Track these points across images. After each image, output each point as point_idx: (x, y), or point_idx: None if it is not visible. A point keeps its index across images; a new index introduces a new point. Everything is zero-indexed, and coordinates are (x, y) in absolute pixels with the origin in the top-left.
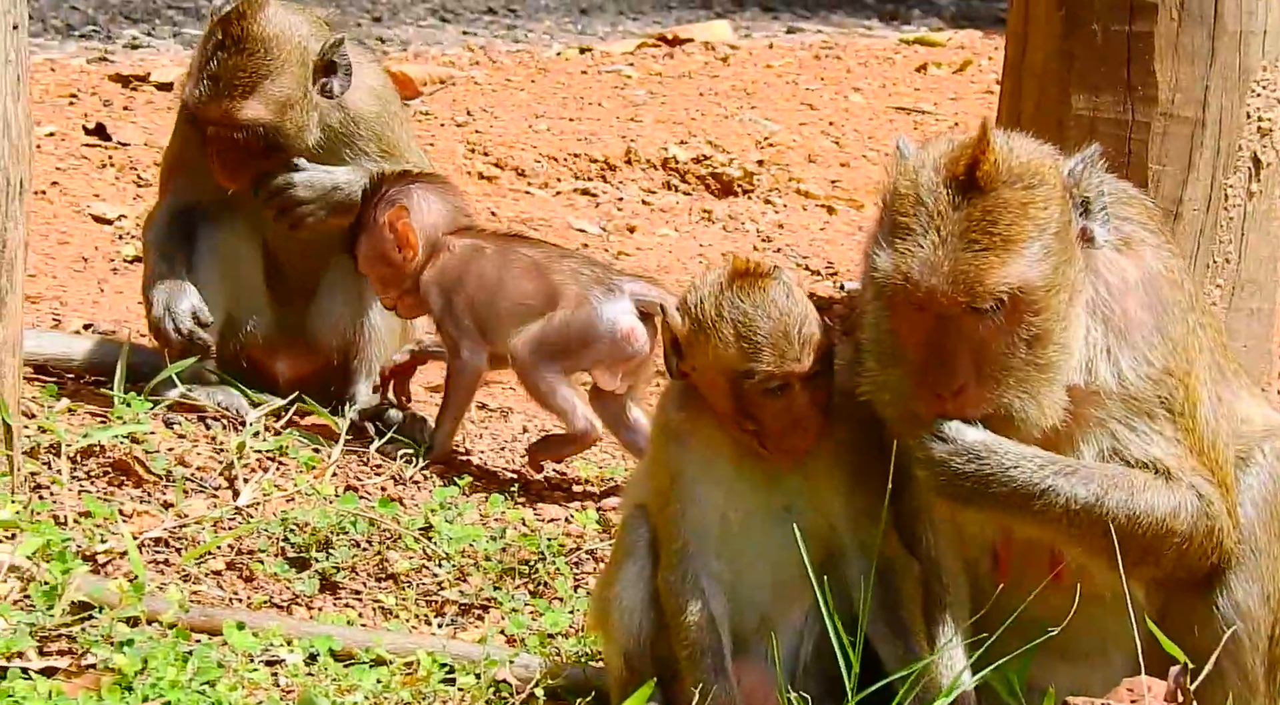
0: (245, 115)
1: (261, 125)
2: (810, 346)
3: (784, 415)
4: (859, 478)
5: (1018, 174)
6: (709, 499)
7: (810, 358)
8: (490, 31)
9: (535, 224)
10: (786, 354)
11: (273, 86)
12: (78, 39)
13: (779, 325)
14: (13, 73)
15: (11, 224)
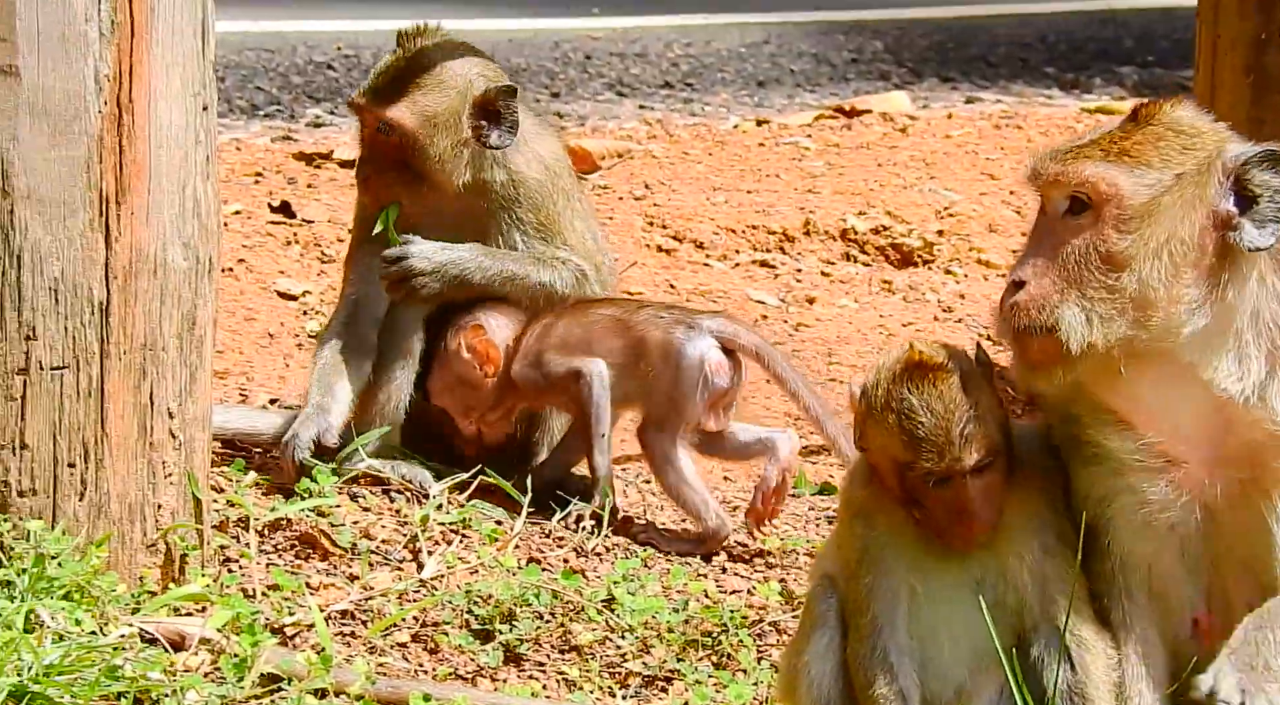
0: (389, 113)
1: (404, 132)
2: (975, 443)
3: (949, 506)
4: (1047, 551)
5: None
6: (897, 574)
7: (975, 453)
8: (667, 105)
9: (714, 295)
10: (947, 452)
11: (424, 98)
12: (262, 118)
13: (942, 423)
14: (202, 153)
15: (201, 301)
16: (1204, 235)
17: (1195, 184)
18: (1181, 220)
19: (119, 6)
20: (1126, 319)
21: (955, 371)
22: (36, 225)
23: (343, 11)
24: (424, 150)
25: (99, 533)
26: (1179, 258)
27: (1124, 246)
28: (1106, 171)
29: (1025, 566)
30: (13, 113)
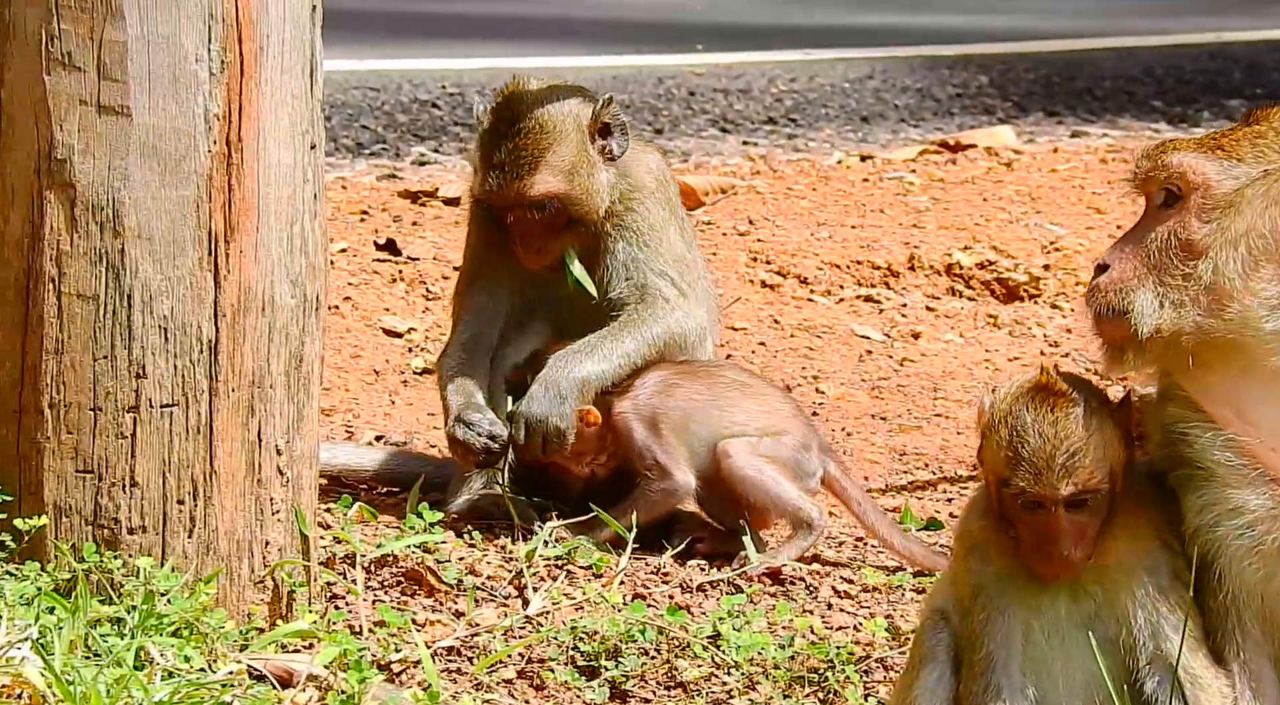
0: (537, 191)
1: (555, 197)
2: (1075, 475)
3: (1038, 534)
4: (1160, 588)
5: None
6: (1012, 609)
7: (1071, 485)
8: (771, 141)
9: (818, 331)
10: (1042, 478)
11: (555, 156)
12: (368, 157)
13: (1046, 447)
14: (310, 191)
15: (309, 339)
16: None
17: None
18: (1262, 214)
19: (228, 46)
20: (1199, 308)
21: (1079, 403)
22: (146, 264)
23: (447, 50)
24: (578, 200)
25: (208, 569)
26: (1257, 251)
27: (1203, 234)
28: (1195, 161)
29: (1137, 603)
30: (124, 153)
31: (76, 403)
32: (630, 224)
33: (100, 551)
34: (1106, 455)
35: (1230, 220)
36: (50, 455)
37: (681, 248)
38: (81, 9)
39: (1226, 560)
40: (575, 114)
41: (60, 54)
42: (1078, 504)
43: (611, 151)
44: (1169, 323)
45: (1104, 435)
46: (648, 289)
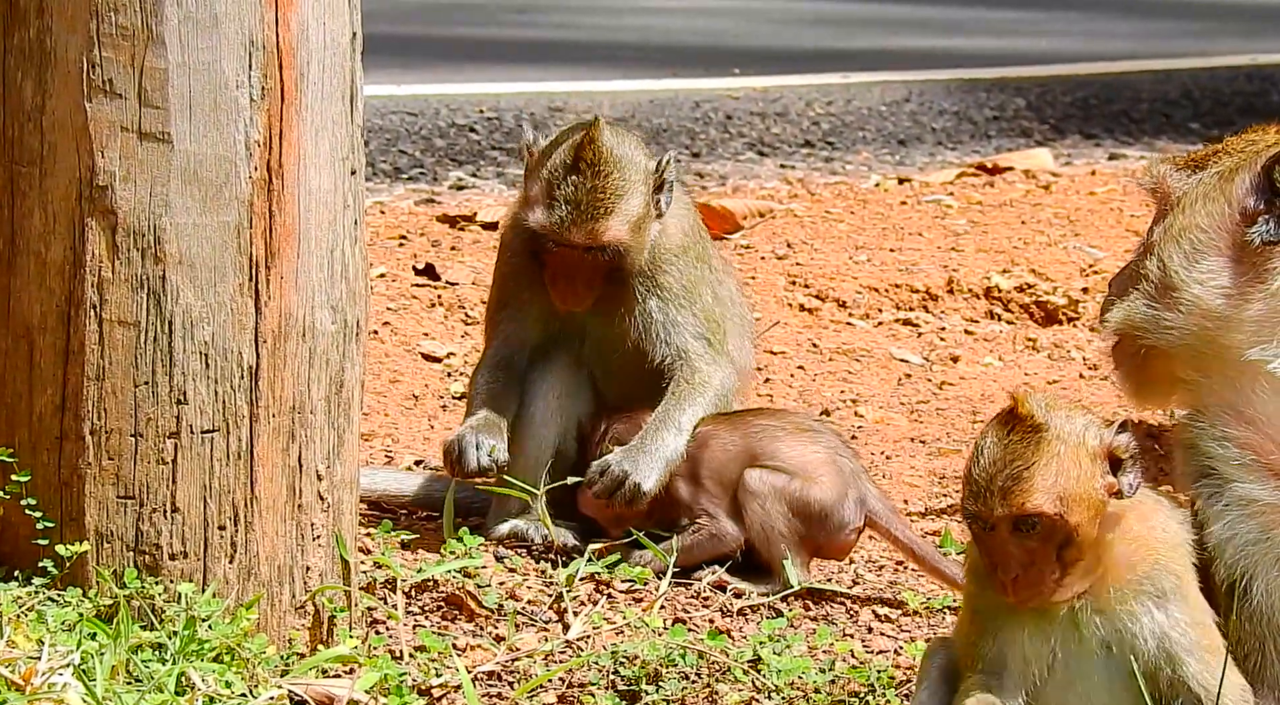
0: (609, 236)
1: (619, 245)
2: (1015, 498)
3: (987, 556)
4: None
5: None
6: (1007, 637)
7: (1008, 508)
8: (808, 164)
9: (857, 354)
10: (983, 497)
11: (627, 206)
12: (405, 181)
13: (990, 469)
14: (350, 217)
15: (349, 364)
16: (1226, 225)
17: (1224, 179)
18: (1201, 208)
19: (269, 73)
20: (1154, 303)
21: (1044, 431)
22: (187, 290)
23: (485, 74)
24: (632, 251)
25: (249, 595)
26: (1198, 243)
27: (1155, 235)
28: (1165, 169)
29: (1144, 628)
30: (165, 179)
31: (118, 429)
32: (664, 283)
33: (141, 577)
34: (1061, 482)
35: (1174, 218)
36: (91, 481)
37: (711, 303)
38: (123, 36)
39: (1253, 570)
40: (646, 166)
41: (101, 81)
42: (1024, 528)
43: (661, 208)
44: (1128, 319)
45: (1062, 462)
46: (688, 354)
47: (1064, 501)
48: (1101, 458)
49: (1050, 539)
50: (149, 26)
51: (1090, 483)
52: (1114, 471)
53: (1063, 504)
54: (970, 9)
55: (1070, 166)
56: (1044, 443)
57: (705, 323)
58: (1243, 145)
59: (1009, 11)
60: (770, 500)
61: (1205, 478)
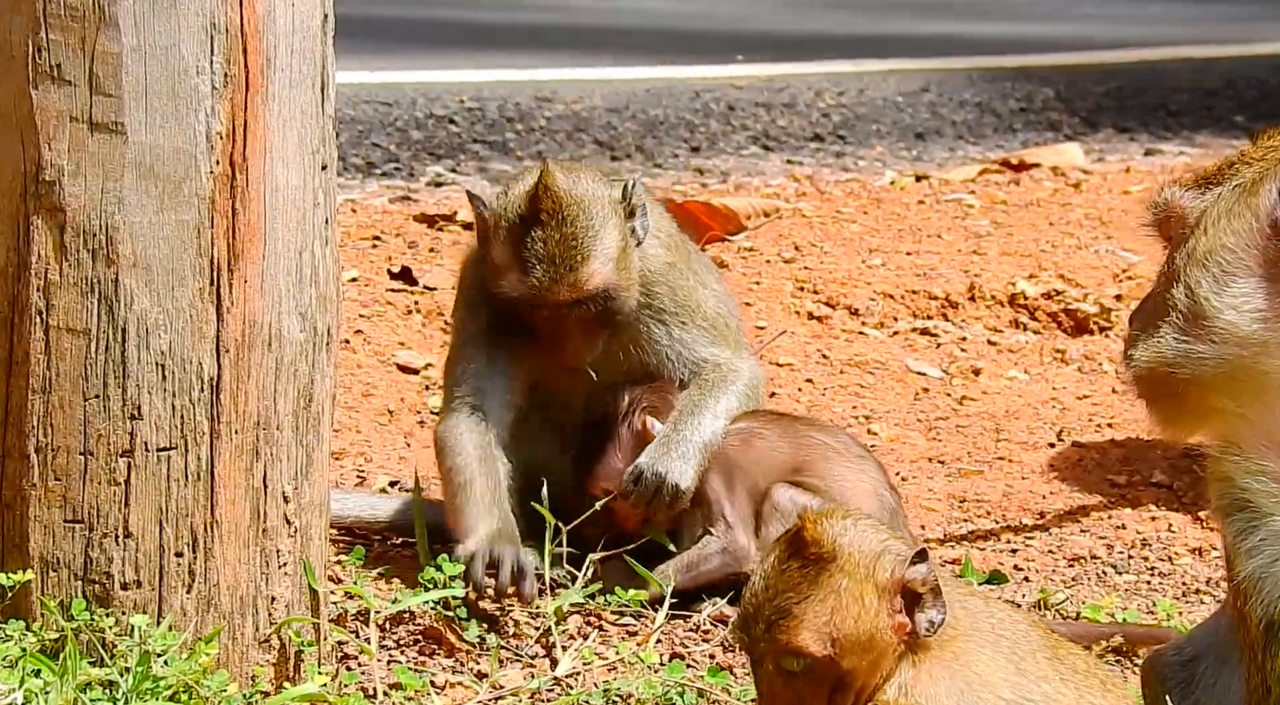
0: (595, 283)
1: (608, 289)
2: (774, 638)
3: (757, 685)
4: None
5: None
6: None
7: (769, 646)
8: (817, 159)
9: (870, 367)
10: (744, 625)
11: (604, 245)
12: (379, 177)
13: (756, 598)
14: (321, 216)
15: (319, 376)
16: (1256, 241)
17: (1248, 191)
18: (1225, 227)
19: (232, 58)
20: (1185, 335)
21: (829, 562)
22: (143, 295)
23: (465, 61)
24: (623, 289)
25: (208, 628)
26: (1227, 265)
27: (1178, 261)
28: (1175, 192)
29: None
30: (118, 174)
31: (65, 446)
32: (659, 304)
33: (91, 608)
34: (835, 621)
35: (1196, 240)
36: (36, 504)
37: (713, 307)
38: (72, 18)
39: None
40: (611, 196)
41: (49, 66)
42: (791, 667)
43: (639, 235)
44: (1158, 356)
45: (840, 599)
46: (705, 364)
47: (837, 644)
48: (892, 593)
49: (820, 682)
50: (100, 6)
51: (874, 622)
52: (910, 609)
53: (835, 646)
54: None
55: (1102, 163)
56: (825, 574)
57: (713, 329)
58: (1262, 152)
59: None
60: (790, 516)
61: (1240, 511)
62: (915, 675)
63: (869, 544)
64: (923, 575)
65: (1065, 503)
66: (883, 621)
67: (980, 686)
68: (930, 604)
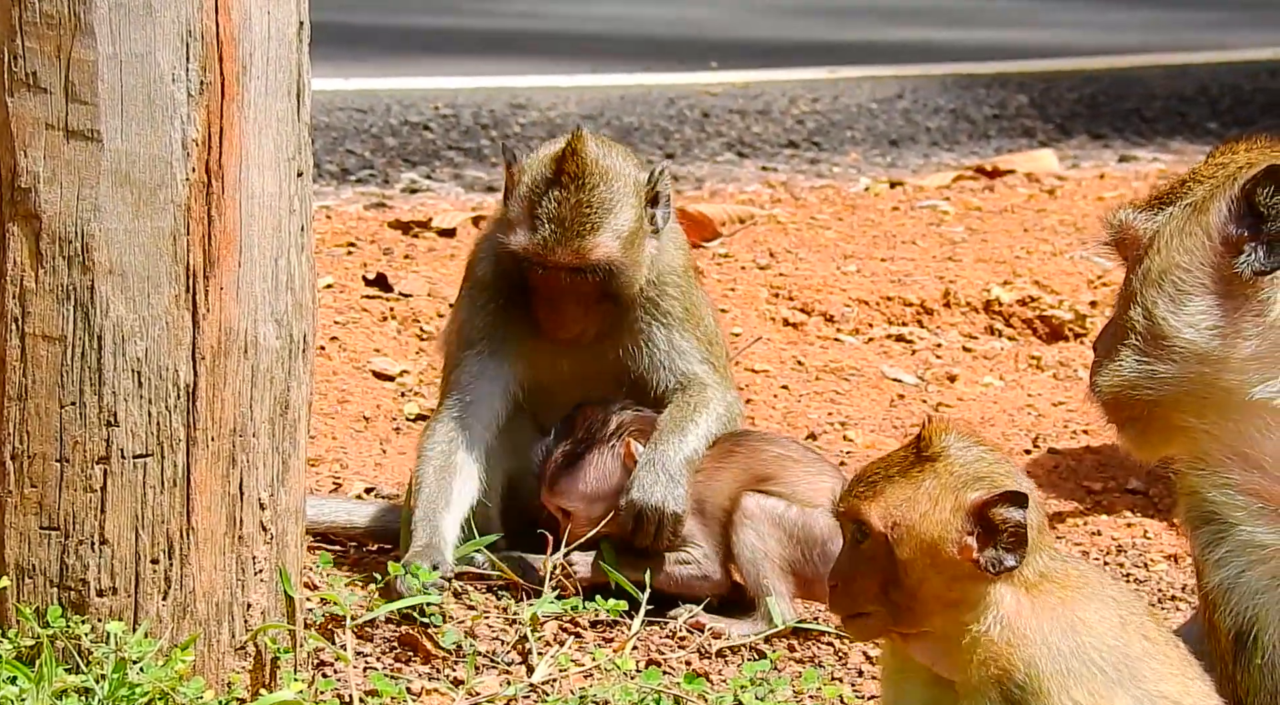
0: (598, 254)
1: (611, 264)
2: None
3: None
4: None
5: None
6: None
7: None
8: (792, 166)
9: (846, 373)
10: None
11: (617, 221)
12: (354, 184)
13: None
14: (296, 223)
15: (295, 383)
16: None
17: (1199, 210)
18: (1178, 246)
19: (208, 66)
20: (1146, 356)
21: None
22: (118, 302)
23: (440, 67)
24: (626, 271)
25: (184, 635)
26: (1181, 284)
27: (1134, 283)
28: (1129, 214)
29: None
30: (94, 181)
31: (41, 453)
32: (668, 307)
33: (66, 615)
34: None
35: (1150, 261)
36: (12, 511)
37: (712, 326)
38: (48, 25)
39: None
40: (636, 178)
41: (24, 74)
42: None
43: (657, 223)
44: (1121, 380)
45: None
46: (693, 379)
47: (896, 528)
48: (968, 514)
49: (874, 561)
50: (76, 14)
51: (939, 530)
52: (984, 539)
53: (893, 530)
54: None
55: (1077, 169)
56: (918, 469)
57: (708, 347)
58: (1211, 170)
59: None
60: (766, 526)
61: (1207, 524)
62: (1017, 610)
63: (973, 466)
64: (1009, 514)
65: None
66: (949, 534)
67: (1084, 630)
68: (1005, 544)
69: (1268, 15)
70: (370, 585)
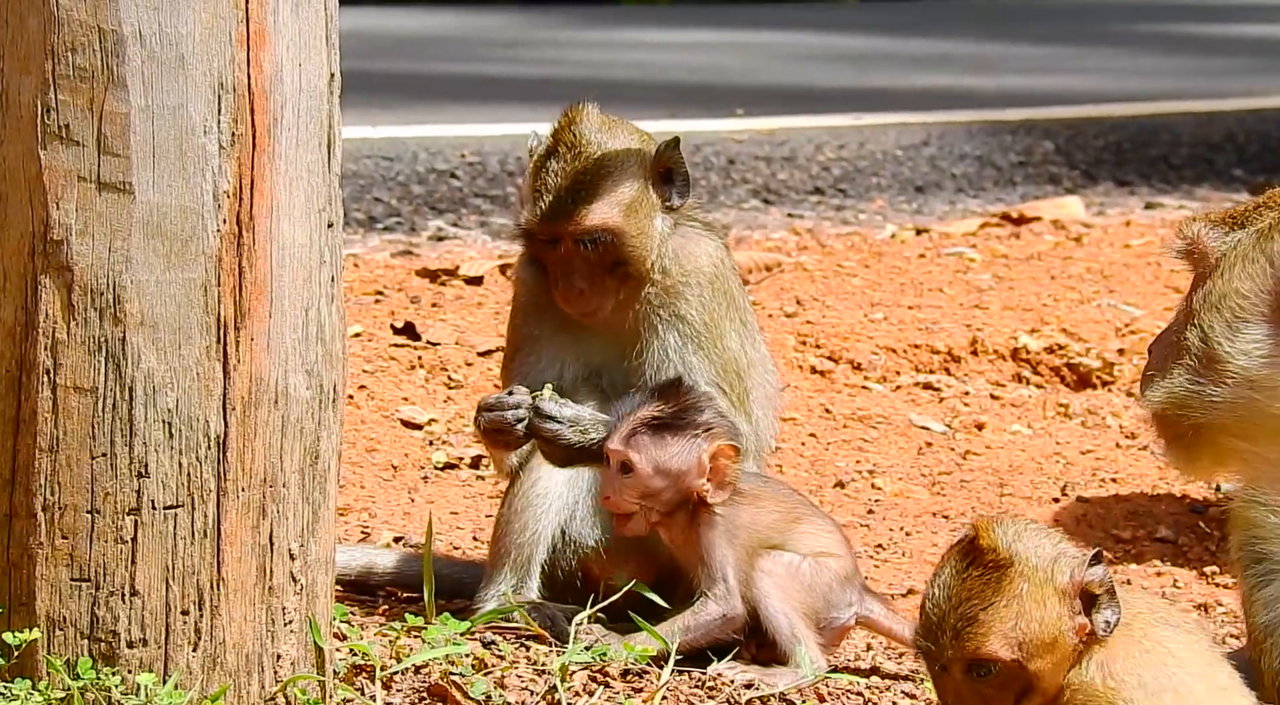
0: (594, 221)
1: (610, 232)
2: (963, 646)
3: (942, 696)
4: None
5: None
6: None
7: (958, 654)
8: (818, 213)
9: (874, 421)
10: (930, 635)
11: (616, 189)
12: (381, 232)
13: (941, 607)
14: (327, 273)
15: (325, 433)
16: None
17: (1265, 237)
18: (1240, 272)
19: (239, 118)
20: (1199, 377)
21: (1007, 568)
22: (150, 354)
23: (467, 115)
24: (631, 241)
25: (214, 686)
26: (1240, 310)
27: (1195, 302)
28: (1202, 228)
29: None
30: (126, 233)
31: (72, 505)
32: (685, 314)
33: (97, 667)
34: (1022, 626)
35: (1213, 283)
36: (43, 563)
37: (737, 351)
38: (81, 78)
39: None
40: (639, 150)
41: (57, 127)
42: (979, 674)
43: (671, 200)
44: (1171, 397)
45: (1024, 604)
46: None
47: (1024, 647)
48: (1072, 596)
49: (1008, 686)
50: (109, 68)
51: (1057, 625)
52: (1087, 610)
53: (1022, 650)
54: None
55: (1103, 216)
56: (1005, 581)
57: (723, 372)
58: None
59: (1036, 47)
60: (784, 576)
61: (1258, 563)
62: (1110, 655)
63: (1044, 548)
64: (1099, 577)
65: None
66: (1065, 624)
67: (1174, 663)
68: (1106, 604)
69: None
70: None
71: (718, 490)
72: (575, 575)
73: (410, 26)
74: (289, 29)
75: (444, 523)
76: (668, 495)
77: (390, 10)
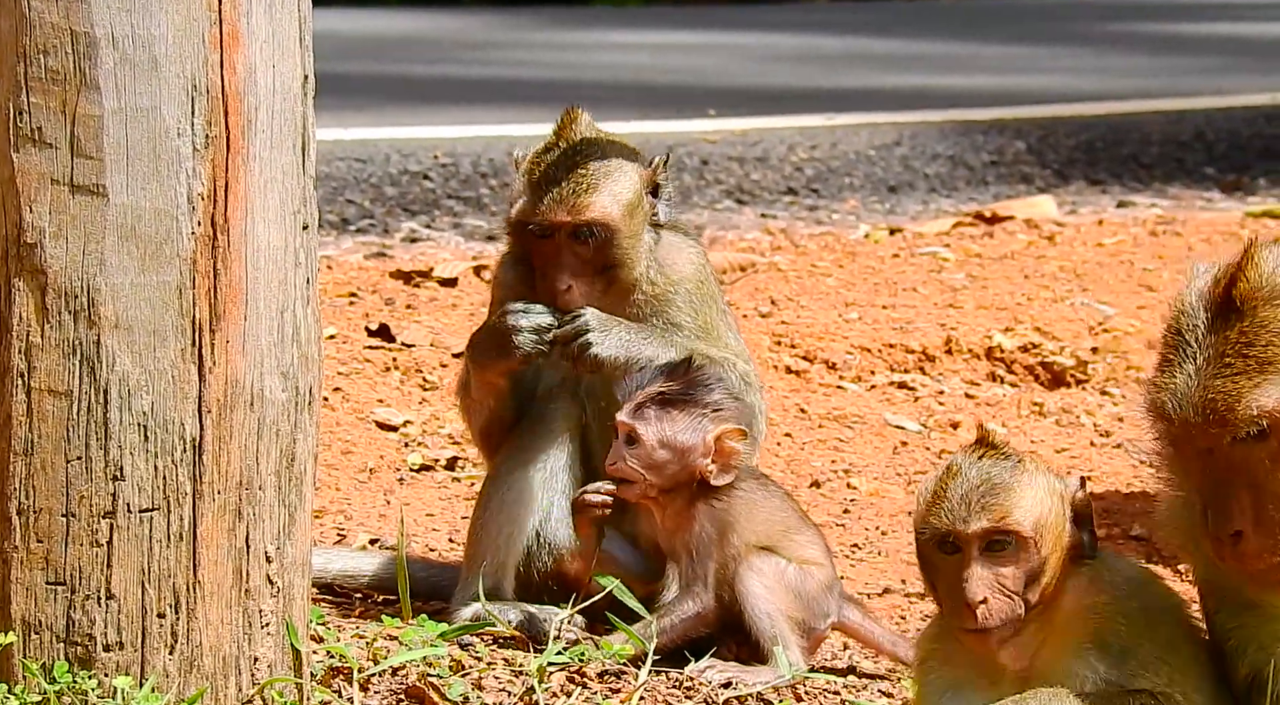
0: (593, 213)
1: (608, 227)
2: (989, 514)
3: (950, 584)
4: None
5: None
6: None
7: (982, 522)
8: (791, 213)
9: (849, 420)
10: (951, 512)
11: (615, 185)
12: (354, 234)
13: (962, 484)
14: (302, 275)
15: (301, 435)
16: None
17: None
18: None
19: (214, 120)
20: None
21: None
22: (124, 356)
23: (439, 117)
24: (624, 242)
25: (191, 689)
26: None
27: None
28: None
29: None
30: (100, 236)
31: (47, 508)
32: (678, 320)
33: (73, 670)
34: (1038, 509)
35: None
36: (18, 566)
37: (736, 346)
38: (53, 81)
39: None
40: (635, 158)
41: (30, 129)
42: (995, 548)
43: (657, 215)
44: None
45: (1038, 491)
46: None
47: (1039, 529)
48: (1069, 503)
49: (1019, 565)
50: (82, 70)
51: (1060, 523)
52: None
53: (1036, 531)
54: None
55: (1075, 215)
56: (1022, 469)
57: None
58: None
59: (1007, 47)
60: (772, 578)
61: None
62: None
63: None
64: (1086, 498)
65: None
66: (1065, 525)
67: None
68: (1088, 528)
69: (1264, 62)
70: (375, 638)
71: (722, 473)
72: (550, 576)
73: (382, 28)
74: (262, 31)
75: (420, 524)
76: (671, 469)
77: (362, 12)
